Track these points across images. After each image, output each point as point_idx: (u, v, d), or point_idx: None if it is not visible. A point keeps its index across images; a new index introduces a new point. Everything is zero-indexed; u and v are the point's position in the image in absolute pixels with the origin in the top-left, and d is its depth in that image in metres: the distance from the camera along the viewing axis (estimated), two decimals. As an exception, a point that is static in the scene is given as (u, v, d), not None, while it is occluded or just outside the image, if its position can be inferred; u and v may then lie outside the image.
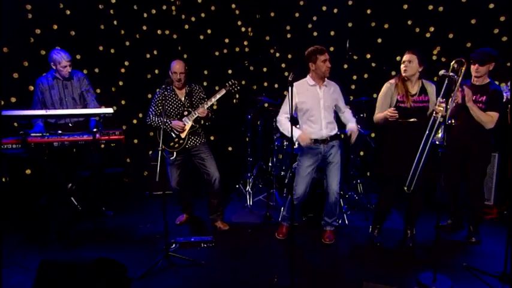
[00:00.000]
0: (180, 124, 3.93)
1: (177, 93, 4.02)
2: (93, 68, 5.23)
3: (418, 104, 3.45)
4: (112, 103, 5.29)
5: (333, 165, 3.69)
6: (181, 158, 4.06)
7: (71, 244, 3.79)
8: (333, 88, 3.70)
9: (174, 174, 4.08)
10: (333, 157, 3.70)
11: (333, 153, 3.69)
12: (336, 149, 3.70)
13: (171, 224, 4.24)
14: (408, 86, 3.48)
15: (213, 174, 4.02)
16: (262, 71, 5.73)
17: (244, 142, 5.26)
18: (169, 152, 4.00)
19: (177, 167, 4.06)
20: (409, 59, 3.41)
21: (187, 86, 4.07)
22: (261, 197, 4.96)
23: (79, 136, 3.87)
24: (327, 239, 3.83)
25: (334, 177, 3.69)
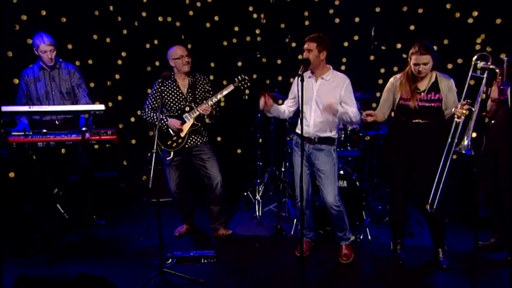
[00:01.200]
0: (176, 124, 3.91)
1: (179, 84, 4.00)
2: (86, 59, 5.26)
3: (425, 103, 3.36)
4: (107, 99, 5.36)
5: (323, 175, 3.57)
6: (180, 159, 4.05)
7: (56, 257, 3.79)
8: (337, 83, 3.53)
9: (173, 175, 4.07)
10: (320, 164, 3.57)
11: (319, 159, 3.57)
12: (324, 155, 3.57)
13: (169, 236, 4.23)
14: (417, 80, 3.39)
15: (215, 177, 3.99)
16: (276, 63, 5.68)
17: (253, 144, 5.22)
18: (166, 151, 3.99)
19: (176, 168, 4.06)
20: (426, 61, 3.29)
21: (190, 76, 4.03)
22: (271, 207, 4.91)
23: (66, 136, 3.89)
24: (344, 258, 3.75)
25: (326, 188, 3.58)
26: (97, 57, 5.34)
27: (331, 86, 3.53)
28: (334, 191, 3.57)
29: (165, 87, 4.00)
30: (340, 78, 3.55)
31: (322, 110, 3.51)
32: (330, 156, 3.58)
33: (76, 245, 4.06)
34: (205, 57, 5.63)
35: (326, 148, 3.57)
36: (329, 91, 3.52)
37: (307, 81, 3.52)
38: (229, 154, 5.78)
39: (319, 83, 3.54)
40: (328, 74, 3.54)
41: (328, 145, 3.57)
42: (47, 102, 4.19)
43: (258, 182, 5.00)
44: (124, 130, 5.55)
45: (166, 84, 4.00)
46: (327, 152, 3.58)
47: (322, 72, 3.54)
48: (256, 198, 4.87)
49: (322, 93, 3.52)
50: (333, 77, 3.55)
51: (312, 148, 3.59)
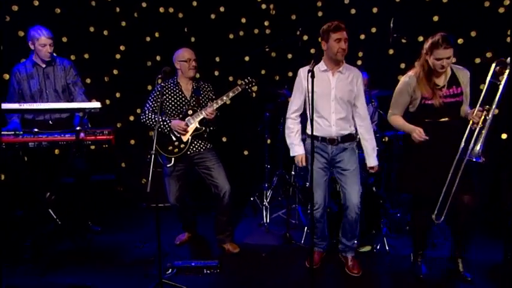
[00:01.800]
0: (181, 125, 3.90)
1: (182, 88, 4.01)
2: (82, 53, 5.28)
3: (449, 99, 3.31)
4: (104, 96, 5.38)
5: (349, 173, 3.57)
6: (182, 168, 4.02)
7: (48, 266, 3.79)
8: (353, 76, 3.54)
9: (173, 187, 4.04)
10: (345, 163, 3.57)
11: (345, 158, 3.56)
12: (349, 154, 3.57)
13: (169, 244, 4.22)
14: (435, 76, 3.33)
15: (223, 186, 3.97)
16: (286, 57, 5.66)
17: (261, 145, 5.19)
18: (166, 158, 3.96)
19: (177, 178, 4.02)
20: (450, 55, 3.23)
21: (194, 82, 4.04)
22: (280, 213, 4.90)
23: (59, 135, 3.88)
24: (354, 271, 3.70)
25: (351, 187, 3.57)
26: (93, 51, 5.35)
27: (348, 80, 3.54)
28: (359, 191, 3.58)
29: (167, 90, 3.99)
30: (354, 71, 3.58)
31: (342, 105, 3.50)
32: (353, 154, 3.60)
33: (69, 253, 4.06)
34: (210, 51, 5.62)
35: (349, 146, 3.59)
36: (346, 85, 3.52)
37: (322, 75, 3.51)
38: (236, 156, 5.76)
39: (337, 77, 3.51)
40: (344, 67, 3.54)
41: (351, 142, 3.58)
42: (41, 100, 4.19)
43: (266, 187, 4.98)
44: (122, 130, 5.57)
45: (168, 87, 4.00)
46: (351, 150, 3.59)
47: (340, 65, 3.53)
48: (263, 204, 4.85)
49: (340, 88, 3.51)
50: (347, 70, 3.56)
51: (335, 149, 3.56)
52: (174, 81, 4.02)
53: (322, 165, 3.61)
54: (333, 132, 3.53)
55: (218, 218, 4.13)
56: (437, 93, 3.29)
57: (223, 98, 3.90)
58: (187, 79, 4.01)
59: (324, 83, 3.50)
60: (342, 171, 3.59)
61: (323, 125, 3.54)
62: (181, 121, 3.92)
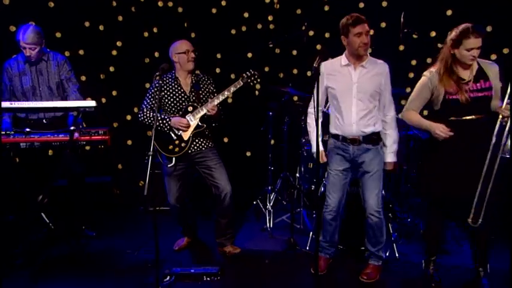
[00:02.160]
0: (183, 121, 3.88)
1: (180, 83, 3.99)
2: (77, 49, 5.28)
3: (477, 93, 3.24)
4: (100, 94, 5.39)
5: (369, 176, 3.54)
6: (183, 167, 4.01)
7: (40, 273, 3.78)
8: (377, 70, 3.49)
9: (173, 187, 4.04)
10: (367, 165, 3.54)
11: (366, 160, 3.53)
12: (372, 155, 3.53)
13: (167, 249, 4.21)
14: (459, 70, 3.28)
15: (224, 187, 3.97)
16: (291, 54, 5.66)
17: (264, 146, 5.18)
18: (166, 157, 3.95)
19: (177, 178, 4.02)
20: (480, 44, 3.17)
21: (193, 76, 4.03)
22: (284, 218, 4.89)
23: (53, 135, 3.89)
24: (364, 276, 3.68)
25: (370, 190, 3.55)
26: (89, 47, 5.35)
27: (370, 74, 3.49)
28: (378, 194, 3.55)
29: (165, 86, 3.98)
30: (379, 65, 3.52)
31: (365, 102, 3.47)
32: (377, 156, 3.55)
33: (63, 260, 4.05)
34: (211, 47, 5.61)
35: (373, 148, 3.54)
36: (369, 80, 3.47)
37: (344, 70, 3.50)
38: (237, 157, 5.76)
39: (359, 72, 3.49)
40: (367, 61, 3.50)
41: (374, 143, 3.54)
42: (34, 98, 4.20)
43: (269, 189, 4.98)
44: (119, 129, 5.57)
45: (166, 82, 3.98)
46: (375, 151, 3.54)
47: (363, 58, 3.49)
48: (267, 208, 4.84)
49: (363, 84, 3.46)
50: (372, 63, 3.51)
51: (357, 150, 3.53)
52: (172, 76, 3.99)
53: (341, 167, 3.59)
54: (354, 130, 3.49)
55: (218, 220, 4.12)
56: (462, 88, 3.22)
57: (224, 92, 3.89)
58: (186, 73, 3.98)
59: (345, 78, 3.48)
60: (364, 173, 3.57)
61: (344, 124, 3.52)
62: (182, 118, 3.91)
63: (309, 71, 5.48)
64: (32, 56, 4.11)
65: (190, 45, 3.96)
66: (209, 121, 3.99)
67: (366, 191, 3.57)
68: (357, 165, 3.58)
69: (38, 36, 4.09)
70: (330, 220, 3.70)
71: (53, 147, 3.92)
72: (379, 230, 3.62)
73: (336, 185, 3.62)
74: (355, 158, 3.55)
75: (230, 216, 4.10)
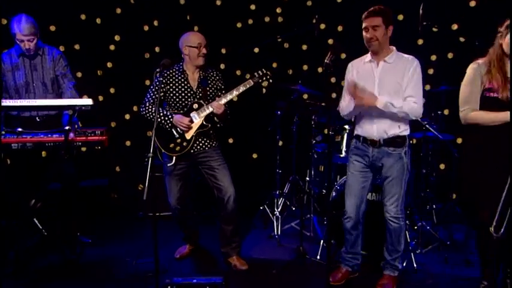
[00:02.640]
0: (184, 121, 3.87)
1: (188, 77, 3.97)
2: (72, 44, 5.30)
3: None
4: (97, 92, 5.40)
5: (388, 181, 3.52)
6: (184, 167, 4.01)
7: (33, 282, 3.78)
8: (401, 65, 3.44)
9: (174, 187, 4.03)
10: (387, 170, 3.51)
11: (386, 164, 3.50)
12: (393, 160, 3.49)
13: (168, 258, 4.21)
14: (506, 66, 3.18)
15: (227, 190, 3.95)
16: (300, 49, 5.66)
17: (272, 148, 5.18)
18: (167, 156, 3.95)
19: (178, 178, 4.02)
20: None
21: (202, 71, 4.01)
22: (293, 224, 4.89)
23: (46, 136, 3.88)
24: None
25: (388, 194, 3.54)
26: (85, 42, 5.37)
27: (395, 70, 3.45)
28: (398, 199, 3.52)
29: (171, 79, 3.96)
30: (406, 60, 3.47)
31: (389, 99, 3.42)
32: (400, 161, 3.50)
33: (57, 268, 4.04)
34: (215, 42, 5.56)
35: (395, 152, 3.49)
36: (393, 76, 3.44)
37: (366, 66, 3.51)
38: (243, 159, 5.77)
39: (381, 67, 3.47)
40: (392, 56, 3.48)
41: (397, 147, 3.49)
42: (27, 95, 4.20)
43: (277, 194, 4.97)
44: (117, 129, 5.59)
45: (172, 75, 3.96)
46: (396, 156, 3.49)
47: (386, 53, 3.47)
48: (274, 214, 4.84)
49: (385, 79, 3.44)
50: (398, 59, 3.48)
51: (377, 153, 3.51)
52: (179, 68, 3.97)
53: (360, 169, 3.58)
54: (375, 132, 3.47)
55: (223, 227, 4.10)
56: (507, 85, 3.15)
57: (233, 91, 3.87)
58: (195, 67, 3.97)
59: (367, 74, 3.48)
60: (384, 178, 3.55)
61: (365, 124, 3.51)
62: (184, 116, 3.89)
63: (320, 67, 5.48)
64: (31, 48, 4.12)
65: (204, 38, 3.93)
66: (214, 121, 3.98)
67: (385, 195, 3.57)
68: (376, 169, 3.56)
69: (33, 26, 4.10)
70: (349, 229, 3.68)
71: (46, 148, 3.90)
72: (397, 238, 3.60)
73: (353, 188, 3.59)
74: (374, 161, 3.53)
75: (235, 223, 4.08)
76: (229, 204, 3.97)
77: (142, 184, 5.33)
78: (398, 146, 3.49)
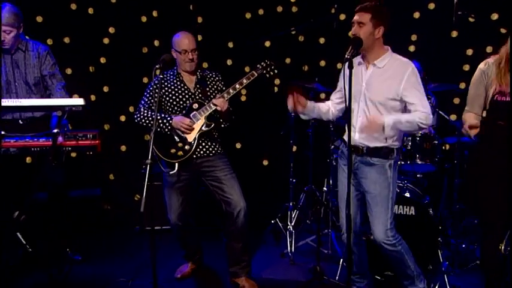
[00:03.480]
0: (185, 121, 3.88)
1: (184, 79, 4.03)
2: (62, 37, 5.32)
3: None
4: (89, 90, 5.43)
5: (371, 198, 3.46)
6: (187, 177, 4.00)
7: (15, 304, 3.79)
8: (392, 72, 3.38)
9: (175, 202, 4.02)
10: (368, 183, 3.46)
11: (368, 176, 3.45)
12: (375, 172, 3.44)
13: (168, 278, 4.23)
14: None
15: (237, 203, 3.95)
16: (317, 42, 5.66)
17: (285, 154, 5.19)
18: (167, 163, 3.93)
19: (180, 191, 4.01)
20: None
21: (198, 72, 4.08)
22: (308, 241, 4.88)
23: (32, 140, 3.86)
24: None
25: (374, 218, 3.48)
26: (76, 34, 5.39)
27: (384, 77, 3.40)
28: (385, 223, 3.45)
29: (165, 82, 4.01)
30: (398, 65, 3.41)
31: (372, 109, 3.40)
32: (383, 174, 3.45)
33: (42, 288, 4.05)
34: (221, 34, 5.62)
35: (378, 162, 3.45)
36: (381, 83, 3.39)
37: (356, 69, 3.42)
38: (252, 167, 5.77)
39: (371, 72, 3.43)
40: (384, 59, 3.42)
41: (381, 158, 3.45)
42: (8, 95, 4.21)
43: (291, 206, 4.98)
44: (111, 133, 5.60)
45: (167, 78, 4.03)
46: (379, 168, 3.45)
47: (377, 56, 3.42)
48: (287, 228, 4.84)
49: (372, 86, 3.40)
50: (390, 63, 3.42)
51: (359, 161, 3.49)
52: (173, 72, 4.05)
53: (349, 177, 3.51)
54: (357, 139, 3.45)
55: (231, 245, 4.09)
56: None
57: (235, 86, 3.90)
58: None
59: (356, 78, 3.40)
60: (366, 194, 3.52)
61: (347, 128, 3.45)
62: (185, 117, 3.91)
63: (340, 62, 5.44)
64: (6, 41, 4.10)
65: (192, 42, 3.94)
66: (218, 120, 3.99)
67: (371, 219, 3.52)
68: (358, 180, 3.53)
69: (14, 17, 4.09)
70: (351, 246, 3.58)
71: (32, 153, 3.89)
72: (401, 263, 3.55)
73: (343, 198, 3.52)
74: (356, 170, 3.50)
75: (245, 239, 4.07)
76: (239, 219, 3.95)
77: (139, 194, 5.34)
78: (383, 156, 3.44)
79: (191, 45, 3.93)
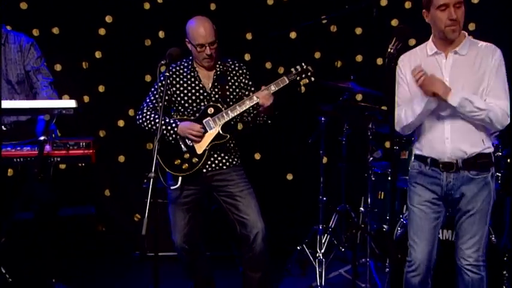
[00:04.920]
0: (194, 128, 3.87)
1: (199, 74, 4.01)
2: (50, 27, 5.35)
3: None
4: (82, 91, 5.45)
5: (468, 216, 3.41)
6: (194, 192, 4.00)
7: None
8: (479, 57, 3.36)
9: (180, 220, 4.02)
10: (468, 202, 3.40)
11: (468, 194, 3.40)
12: (476, 188, 3.39)
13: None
14: None
15: (254, 225, 3.94)
16: (353, 33, 5.67)
17: (313, 166, 5.16)
18: (172, 177, 3.95)
19: (186, 208, 4.01)
20: None
21: (218, 65, 4.04)
22: (342, 272, 4.84)
23: (15, 149, 3.88)
24: None
25: (467, 235, 3.42)
26: (66, 24, 5.42)
27: (470, 64, 3.38)
28: (481, 240, 3.42)
29: (178, 78, 4.00)
30: (484, 49, 3.39)
31: None
32: (485, 189, 3.40)
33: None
34: (237, 24, 5.64)
35: (479, 176, 3.41)
36: (469, 72, 3.36)
37: (430, 61, 3.43)
38: (274, 182, 5.75)
39: (452, 61, 3.40)
40: (464, 45, 3.40)
41: (481, 169, 3.40)
42: None
43: (321, 229, 4.94)
44: (107, 141, 5.62)
45: (179, 73, 4.00)
46: (481, 181, 3.41)
47: (458, 41, 3.40)
48: (316, 257, 4.81)
49: (458, 77, 3.36)
50: (472, 48, 3.41)
51: (454, 179, 3.43)
52: (188, 64, 4.02)
53: (429, 203, 3.49)
54: (448, 150, 3.39)
55: (248, 275, 4.09)
56: None
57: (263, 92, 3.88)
58: None
59: (434, 71, 3.37)
60: (463, 214, 3.46)
61: (433, 140, 3.44)
62: (194, 123, 3.90)
63: (381, 58, 5.43)
64: None
65: (210, 33, 3.91)
66: (235, 129, 4.00)
67: (462, 236, 3.46)
68: (452, 202, 3.48)
69: None
70: (417, 285, 3.57)
71: (14, 165, 3.91)
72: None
73: (422, 228, 3.48)
74: (449, 191, 3.44)
75: (264, 269, 4.06)
76: (257, 244, 3.94)
77: (141, 214, 5.34)
78: (484, 169, 3.41)
79: (209, 37, 3.88)
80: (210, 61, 3.93)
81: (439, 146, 3.38)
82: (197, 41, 3.87)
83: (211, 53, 3.88)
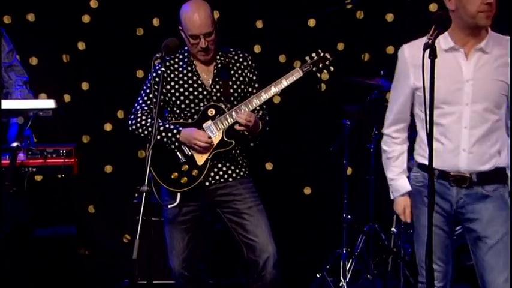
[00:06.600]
0: (202, 137, 3.88)
1: (198, 69, 4.02)
2: (24, 13, 5.40)
3: None
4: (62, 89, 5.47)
5: (490, 245, 3.39)
6: (195, 209, 4.02)
7: None
8: (504, 54, 3.37)
9: (178, 242, 4.04)
10: (485, 225, 3.39)
11: (483, 215, 3.39)
12: (491, 206, 3.38)
13: None
14: None
15: (264, 248, 3.95)
16: (383, 20, 5.70)
17: (336, 178, 5.18)
18: (168, 193, 3.97)
19: (186, 227, 4.02)
20: None
21: (219, 56, 4.05)
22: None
23: (-19, 158, 3.93)
24: None
25: (493, 271, 3.39)
26: (43, 10, 5.47)
27: (494, 64, 3.37)
28: (507, 269, 3.38)
29: (173, 73, 4.01)
30: (505, 44, 3.39)
31: (486, 113, 3.35)
32: (503, 209, 3.40)
33: None
34: (245, 11, 5.64)
35: (495, 193, 3.41)
36: (494, 73, 3.35)
37: (447, 58, 3.38)
38: (288, 197, 5.76)
39: (476, 59, 3.40)
40: (488, 40, 3.39)
41: (498, 184, 3.41)
42: None
43: (344, 253, 4.98)
44: (92, 148, 5.66)
45: (174, 67, 4.02)
46: (498, 201, 3.41)
47: (480, 37, 3.40)
48: (340, 286, 4.85)
49: (484, 79, 3.36)
50: (496, 43, 3.40)
51: (465, 195, 3.43)
52: (184, 56, 4.02)
53: (437, 221, 3.41)
54: (463, 163, 3.38)
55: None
56: None
57: (270, 89, 3.88)
58: None
59: (451, 71, 3.37)
60: (475, 238, 3.47)
61: (445, 150, 3.41)
62: (200, 131, 3.90)
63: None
64: None
65: (206, 23, 3.87)
66: (242, 136, 4.00)
67: (486, 265, 3.43)
68: (464, 222, 3.48)
69: None
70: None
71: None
72: None
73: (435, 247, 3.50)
74: (460, 209, 3.44)
75: (276, 299, 4.10)
76: (268, 272, 3.95)
77: (131, 235, 5.37)
78: (500, 181, 3.42)
79: (204, 27, 3.85)
80: (205, 55, 3.90)
81: (452, 157, 3.37)
82: (190, 31, 3.84)
83: (207, 45, 3.84)
